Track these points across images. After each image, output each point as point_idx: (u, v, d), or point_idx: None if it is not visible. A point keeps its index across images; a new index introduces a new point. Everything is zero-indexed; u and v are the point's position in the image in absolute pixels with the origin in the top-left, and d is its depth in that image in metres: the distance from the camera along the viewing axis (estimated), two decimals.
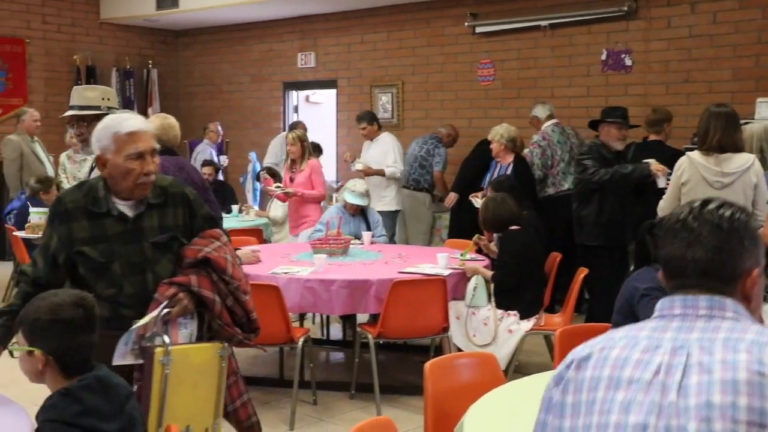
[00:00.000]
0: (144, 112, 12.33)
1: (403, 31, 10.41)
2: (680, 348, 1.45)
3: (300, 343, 4.83)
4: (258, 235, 7.34)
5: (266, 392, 5.34)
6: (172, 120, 5.21)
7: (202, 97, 12.70)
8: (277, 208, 8.24)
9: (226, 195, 9.05)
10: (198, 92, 12.79)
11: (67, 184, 8.29)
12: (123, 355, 2.69)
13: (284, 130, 10.93)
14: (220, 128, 10.72)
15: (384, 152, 8.11)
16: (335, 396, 5.30)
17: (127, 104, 12.19)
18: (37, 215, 3.69)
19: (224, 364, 2.92)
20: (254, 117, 12.06)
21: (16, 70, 11.27)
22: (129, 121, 2.92)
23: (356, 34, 10.88)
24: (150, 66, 12.51)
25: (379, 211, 7.25)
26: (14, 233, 7.24)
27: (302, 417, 4.92)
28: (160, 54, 12.81)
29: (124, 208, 2.92)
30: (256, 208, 9.34)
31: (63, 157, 8.53)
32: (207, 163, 9.29)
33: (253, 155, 10.88)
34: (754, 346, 1.41)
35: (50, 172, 8.65)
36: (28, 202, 7.61)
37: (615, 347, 1.51)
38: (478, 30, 9.65)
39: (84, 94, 3.89)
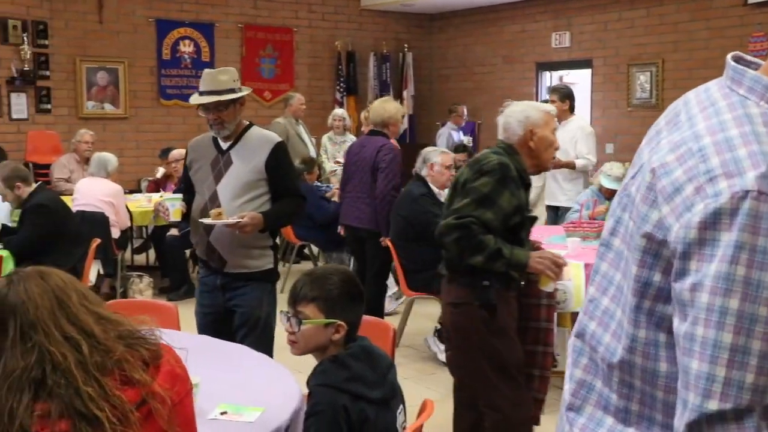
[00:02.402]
0: (399, 95, 12.72)
1: (664, 5, 9.90)
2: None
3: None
4: None
5: None
6: (374, 104, 5.77)
7: (455, 79, 12.85)
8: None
9: None
10: (451, 74, 12.96)
11: (327, 165, 8.76)
12: None
13: None
14: (465, 111, 10.82)
15: (573, 139, 7.09)
16: None
17: (383, 88, 12.63)
18: (177, 201, 3.72)
19: None
20: (506, 98, 12.01)
21: (285, 57, 12.06)
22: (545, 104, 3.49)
23: (613, 11, 10.49)
24: (405, 50, 12.86)
25: (559, 207, 6.88)
26: None
27: (551, 402, 4.85)
28: (415, 38, 13.13)
29: None
30: None
31: (324, 138, 9.01)
32: (460, 149, 9.34)
33: None
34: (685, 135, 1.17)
35: (313, 153, 9.15)
36: None
37: None
38: (751, 0, 8.95)
39: (218, 78, 3.70)
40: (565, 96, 7.16)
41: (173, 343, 1.79)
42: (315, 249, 8.03)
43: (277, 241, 6.82)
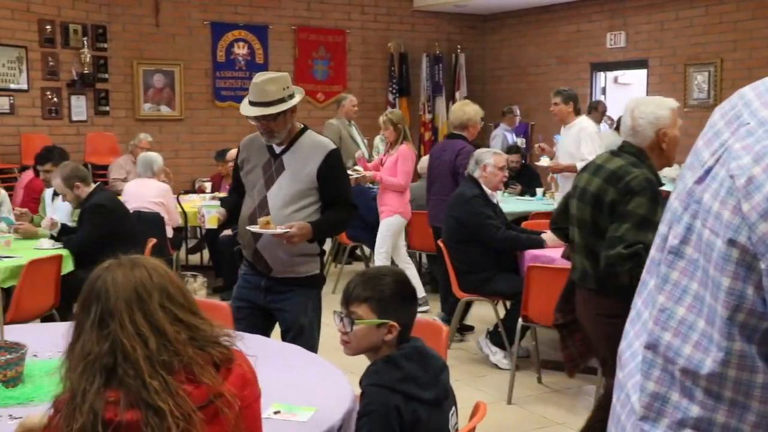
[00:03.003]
0: (452, 97, 12.69)
1: (724, 4, 9.70)
2: None
3: None
4: None
5: (568, 377, 5.27)
6: (454, 107, 6.03)
7: (508, 80, 12.78)
8: None
9: (531, 178, 9.03)
10: (504, 75, 12.89)
11: None
12: None
13: (587, 113, 10.65)
14: (518, 111, 10.75)
15: (577, 141, 6.77)
16: None
17: (435, 89, 12.61)
18: (213, 208, 3.71)
19: None
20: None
21: (338, 59, 12.12)
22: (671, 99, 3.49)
23: (670, 10, 10.33)
24: (458, 51, 12.82)
25: None
26: None
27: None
28: (467, 39, 13.08)
29: None
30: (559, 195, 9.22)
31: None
32: (514, 150, 9.27)
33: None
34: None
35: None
36: None
37: None
38: None
39: (266, 89, 3.57)
40: (568, 98, 7.05)
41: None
42: (367, 250, 8.05)
43: (329, 242, 6.93)
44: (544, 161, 7.16)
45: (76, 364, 1.63)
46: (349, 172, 6.75)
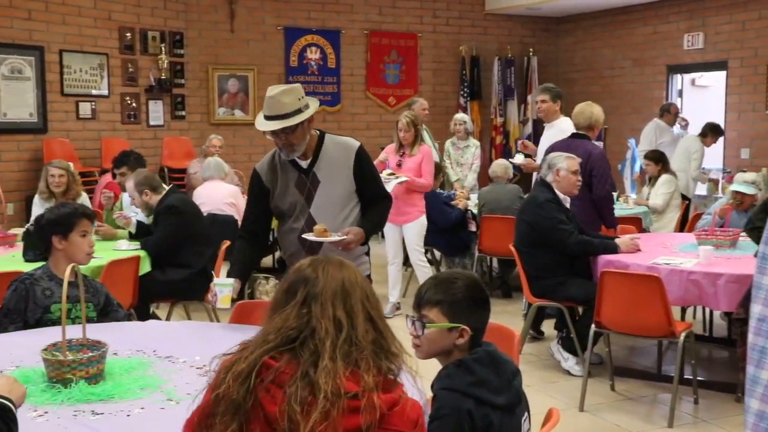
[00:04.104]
0: (524, 101, 12.60)
1: None
2: None
3: (681, 337, 4.59)
4: (637, 223, 7.13)
5: (643, 385, 5.18)
6: (580, 107, 6.14)
7: (582, 83, 12.60)
8: (657, 196, 7.92)
9: None
10: (578, 78, 12.72)
11: (450, 170, 8.74)
12: None
13: (659, 116, 10.41)
14: None
15: (552, 141, 6.39)
16: (718, 397, 4.97)
17: (507, 92, 12.52)
18: (226, 287, 3.54)
19: None
20: (634, 102, 11.71)
21: (409, 62, 12.15)
22: None
23: (753, 9, 10.04)
24: (530, 54, 12.71)
25: None
26: None
27: (681, 415, 4.70)
28: (540, 42, 12.96)
29: None
30: (633, 195, 9.05)
31: (447, 143, 8.99)
32: None
33: (632, 141, 10.58)
34: None
35: (436, 158, 9.12)
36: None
37: None
38: None
39: (282, 101, 3.47)
40: (557, 96, 6.89)
41: None
42: (437, 253, 8.04)
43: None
44: (517, 158, 7.07)
45: (267, 324, 1.79)
46: (383, 175, 6.71)
